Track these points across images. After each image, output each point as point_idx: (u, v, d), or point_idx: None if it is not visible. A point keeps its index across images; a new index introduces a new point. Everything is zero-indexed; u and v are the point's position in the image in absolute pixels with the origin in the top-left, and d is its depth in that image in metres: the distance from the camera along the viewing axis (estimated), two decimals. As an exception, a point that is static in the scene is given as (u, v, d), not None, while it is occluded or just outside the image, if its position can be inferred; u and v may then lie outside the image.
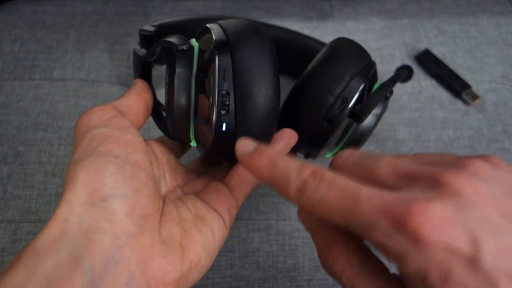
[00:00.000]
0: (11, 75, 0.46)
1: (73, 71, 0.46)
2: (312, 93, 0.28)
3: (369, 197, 0.16)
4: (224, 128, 0.24)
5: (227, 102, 0.23)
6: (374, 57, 0.48)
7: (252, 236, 0.37)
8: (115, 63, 0.47)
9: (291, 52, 0.42)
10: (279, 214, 0.38)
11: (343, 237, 0.19)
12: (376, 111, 0.30)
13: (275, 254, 0.36)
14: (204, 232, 0.23)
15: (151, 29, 0.35)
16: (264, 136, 0.25)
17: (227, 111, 0.24)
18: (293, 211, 0.38)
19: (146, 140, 0.27)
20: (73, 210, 0.19)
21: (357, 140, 0.31)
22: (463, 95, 0.45)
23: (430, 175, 0.16)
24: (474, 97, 0.45)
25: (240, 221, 0.37)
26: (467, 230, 0.15)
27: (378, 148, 0.42)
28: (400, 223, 0.15)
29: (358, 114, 0.28)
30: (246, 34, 0.24)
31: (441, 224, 0.15)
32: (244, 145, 0.21)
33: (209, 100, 0.24)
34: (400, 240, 0.15)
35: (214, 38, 0.24)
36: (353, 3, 0.54)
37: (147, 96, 0.26)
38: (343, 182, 0.17)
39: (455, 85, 0.45)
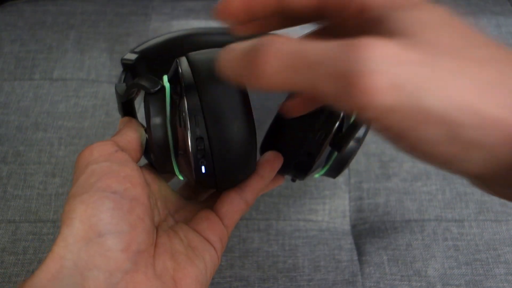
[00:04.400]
0: (11, 75, 0.46)
1: (73, 71, 0.46)
2: (291, 127, 0.28)
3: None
4: (203, 171, 0.24)
5: (202, 146, 0.24)
6: (374, 57, 0.49)
7: (252, 236, 0.37)
8: (115, 63, 0.47)
9: None
10: (279, 214, 0.38)
11: None
12: (359, 134, 0.30)
13: (275, 254, 0.36)
14: (196, 264, 0.24)
15: (133, 57, 0.35)
16: (244, 171, 0.26)
17: (204, 155, 0.24)
18: (293, 211, 0.38)
19: (140, 167, 0.27)
20: (69, 247, 0.20)
21: (342, 162, 0.31)
22: None
23: None
24: None
25: (240, 221, 0.37)
26: None
27: (378, 148, 0.42)
28: None
29: (338, 144, 0.28)
30: (213, 73, 0.24)
31: None
32: (229, 59, 0.17)
33: (185, 144, 0.24)
34: None
35: (182, 78, 0.24)
36: (353, 3, 0.54)
37: (142, 132, 0.27)
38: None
39: None
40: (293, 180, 0.33)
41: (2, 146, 0.41)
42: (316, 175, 0.33)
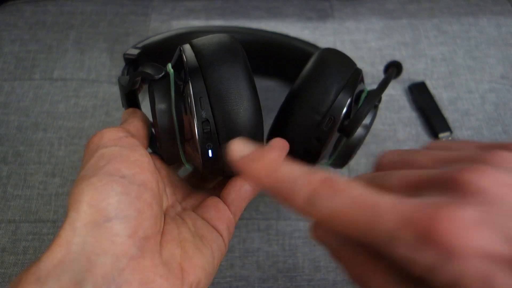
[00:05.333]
0: (11, 75, 0.46)
1: (73, 71, 0.46)
2: (299, 113, 0.28)
3: (388, 207, 0.15)
4: (210, 154, 0.24)
5: (209, 129, 0.23)
6: (374, 57, 0.49)
7: (252, 236, 0.37)
8: (115, 63, 0.47)
9: (280, 55, 0.42)
10: (279, 214, 0.38)
11: (374, 253, 0.16)
12: (366, 121, 0.30)
13: (275, 254, 0.36)
14: (204, 252, 0.23)
15: (135, 52, 0.35)
16: None
17: (210, 138, 0.24)
18: (293, 211, 0.38)
19: (150, 154, 0.27)
20: (76, 231, 0.19)
21: (350, 149, 0.31)
22: (440, 137, 0.43)
23: (449, 178, 0.15)
24: None
25: (240, 221, 0.37)
26: (500, 229, 0.13)
27: (378, 148, 0.42)
28: (426, 234, 0.14)
29: (347, 129, 0.28)
30: (217, 55, 0.24)
31: (471, 229, 0.13)
32: (239, 149, 0.19)
33: (191, 128, 0.24)
34: (428, 252, 0.14)
35: (186, 63, 0.24)
36: (353, 3, 0.54)
37: (148, 122, 0.27)
38: (359, 190, 0.16)
39: (435, 124, 0.43)
40: None
41: (2, 146, 0.41)
42: (323, 164, 0.33)
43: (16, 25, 0.50)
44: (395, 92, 0.46)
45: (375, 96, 0.29)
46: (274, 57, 0.42)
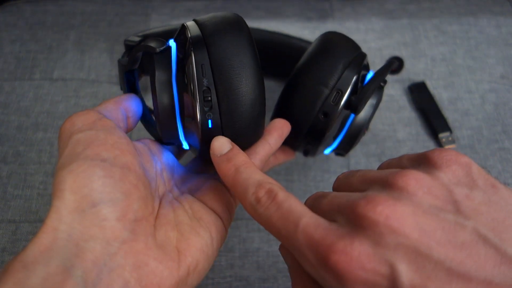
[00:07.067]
0: (11, 75, 0.46)
1: (73, 71, 0.46)
2: (306, 87, 0.28)
3: (305, 227, 0.18)
4: (210, 125, 0.23)
5: (209, 98, 0.23)
6: (374, 57, 0.49)
7: (252, 236, 0.37)
8: (115, 63, 0.47)
9: (279, 54, 0.42)
10: (279, 214, 0.38)
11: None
12: (371, 101, 0.30)
13: (275, 254, 0.36)
14: (201, 235, 0.23)
15: (136, 39, 0.35)
16: (253, 128, 0.25)
17: (211, 107, 0.23)
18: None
19: (144, 139, 0.27)
20: (62, 219, 0.19)
21: (354, 133, 0.31)
22: (440, 137, 0.43)
23: (350, 209, 0.17)
24: (450, 142, 0.42)
25: (240, 221, 0.37)
26: (384, 261, 0.16)
27: (378, 148, 0.42)
28: (325, 260, 0.17)
29: (354, 104, 0.28)
30: (221, 26, 0.24)
31: (359, 260, 0.16)
32: (219, 145, 0.22)
33: (192, 98, 0.23)
34: (325, 275, 0.17)
35: (189, 34, 0.24)
36: (353, 3, 0.54)
37: (125, 105, 0.25)
38: (290, 206, 0.19)
39: (435, 124, 0.43)
40: (305, 154, 0.32)
41: (2, 146, 0.41)
42: (328, 150, 0.33)
43: (16, 25, 0.50)
44: (395, 92, 0.46)
45: (381, 73, 0.29)
46: (274, 56, 0.42)
